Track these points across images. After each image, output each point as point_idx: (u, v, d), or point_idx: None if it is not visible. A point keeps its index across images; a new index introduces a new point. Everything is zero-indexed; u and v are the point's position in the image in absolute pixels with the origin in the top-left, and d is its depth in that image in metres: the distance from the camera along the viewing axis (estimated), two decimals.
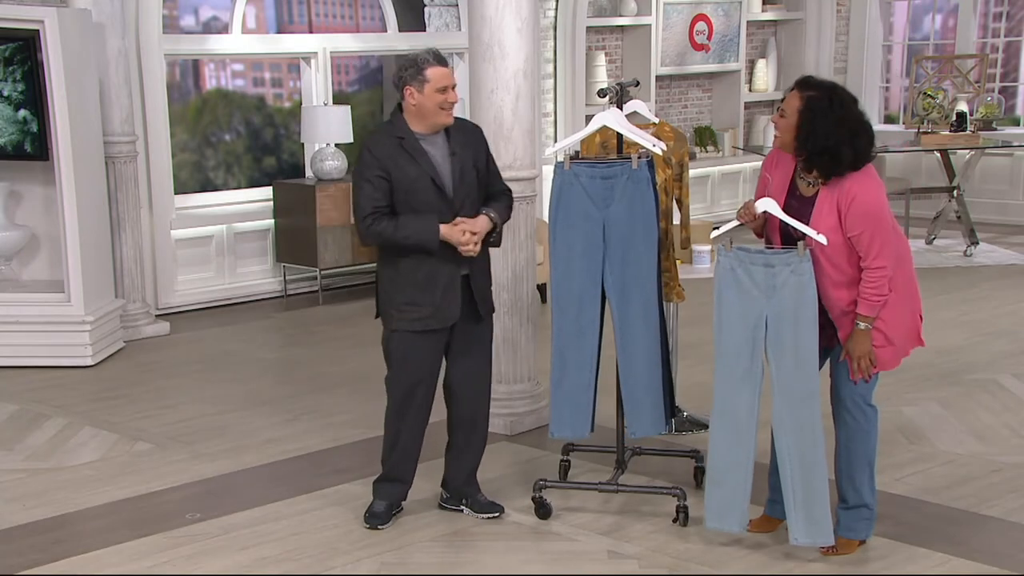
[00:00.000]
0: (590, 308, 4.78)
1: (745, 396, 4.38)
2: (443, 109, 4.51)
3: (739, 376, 4.38)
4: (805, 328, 4.26)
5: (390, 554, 4.56)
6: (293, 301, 9.11)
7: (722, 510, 4.46)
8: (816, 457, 4.33)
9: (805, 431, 4.32)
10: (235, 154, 10.02)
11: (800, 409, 4.31)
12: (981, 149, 10.37)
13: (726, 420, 4.43)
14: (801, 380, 4.30)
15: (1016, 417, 6.02)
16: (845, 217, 4.21)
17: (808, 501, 4.34)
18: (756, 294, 4.31)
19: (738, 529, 4.49)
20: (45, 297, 7.38)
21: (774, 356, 4.33)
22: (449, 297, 4.58)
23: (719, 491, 4.46)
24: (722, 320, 4.40)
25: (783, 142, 4.32)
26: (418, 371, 4.66)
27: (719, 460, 4.45)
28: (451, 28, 10.21)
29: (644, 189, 4.68)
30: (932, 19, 12.67)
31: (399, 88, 4.53)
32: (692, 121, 11.87)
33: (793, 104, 4.26)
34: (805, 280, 4.24)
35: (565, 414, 4.85)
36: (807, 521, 4.35)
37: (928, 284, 9.01)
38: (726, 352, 4.40)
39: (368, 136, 4.72)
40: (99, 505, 5.11)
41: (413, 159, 4.51)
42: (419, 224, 4.49)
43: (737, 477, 4.43)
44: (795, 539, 4.38)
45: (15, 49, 7.15)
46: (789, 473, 4.36)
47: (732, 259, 4.35)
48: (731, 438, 4.42)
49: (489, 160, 4.73)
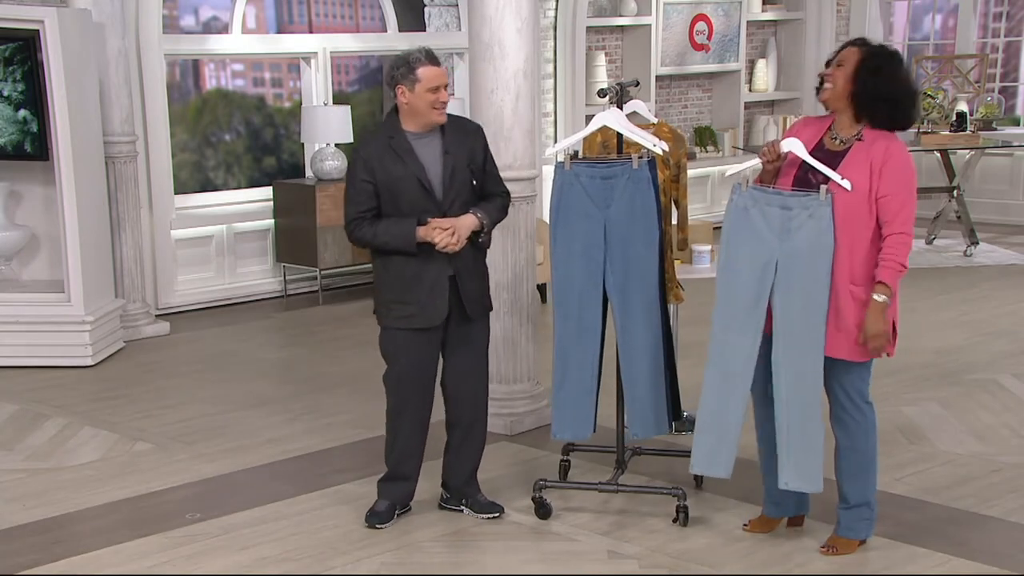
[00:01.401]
0: (591, 309, 4.78)
1: (745, 342, 4.29)
2: (435, 108, 4.50)
3: (740, 321, 4.27)
4: (818, 276, 4.14)
5: (390, 554, 4.56)
6: (293, 301, 9.11)
7: (710, 455, 4.40)
8: (813, 407, 4.26)
9: (806, 378, 4.23)
10: (235, 154, 10.02)
11: (803, 356, 4.21)
12: (981, 149, 10.37)
13: (721, 367, 4.34)
14: (807, 328, 4.19)
15: (1016, 417, 6.02)
16: (879, 175, 4.13)
17: (803, 447, 4.27)
18: (768, 236, 4.20)
19: (723, 474, 4.42)
20: (45, 297, 7.38)
21: (781, 300, 4.21)
22: (435, 297, 4.58)
23: (709, 437, 4.39)
24: (729, 261, 4.28)
25: (834, 93, 4.22)
26: (411, 368, 4.67)
27: (711, 405, 4.38)
28: (451, 28, 10.21)
29: (644, 189, 4.68)
30: (932, 19, 12.67)
31: (391, 87, 4.54)
32: (692, 121, 11.87)
33: (852, 56, 4.21)
34: (824, 225, 4.12)
35: (567, 415, 4.84)
36: (797, 466, 4.29)
37: (928, 284, 9.08)
38: (729, 295, 4.29)
39: (362, 136, 4.73)
40: (99, 505, 5.11)
41: (400, 158, 4.52)
42: (397, 228, 4.51)
43: (728, 424, 4.36)
44: (785, 483, 4.33)
45: (15, 49, 7.15)
46: (785, 418, 4.27)
47: (747, 198, 4.24)
48: (725, 385, 4.34)
49: (488, 161, 4.71)
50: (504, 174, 5.64)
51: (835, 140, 4.30)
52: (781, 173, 4.35)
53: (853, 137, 4.26)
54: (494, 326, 5.78)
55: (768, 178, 4.37)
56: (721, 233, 4.35)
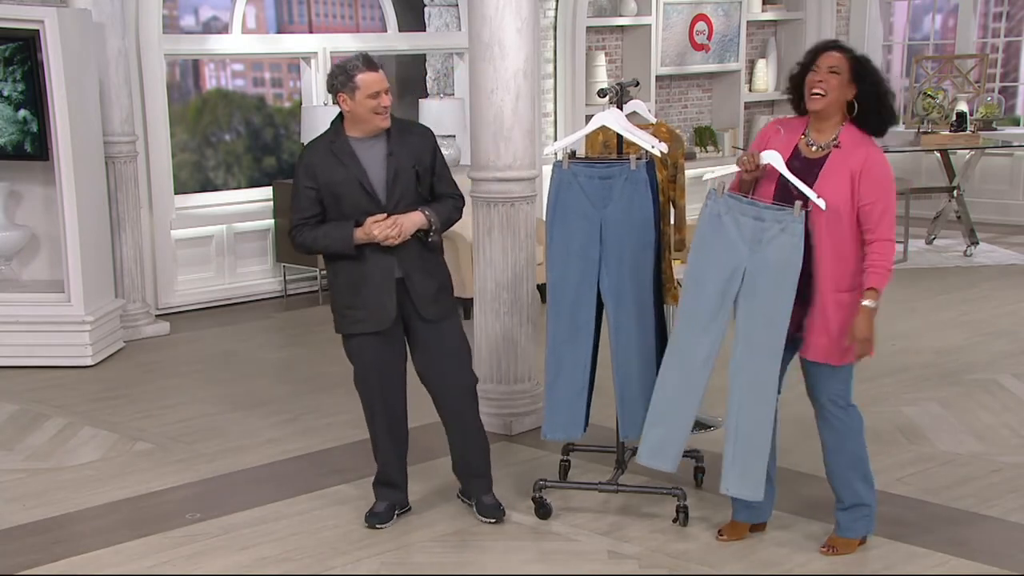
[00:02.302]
0: (585, 309, 4.77)
1: (704, 344, 4.33)
2: (377, 113, 4.49)
3: (702, 324, 4.32)
4: (783, 291, 4.18)
5: (390, 554, 4.56)
6: (293, 301, 9.11)
7: (659, 448, 4.45)
8: (765, 413, 4.30)
9: (760, 385, 4.28)
10: (235, 154, 10.02)
11: (760, 363, 4.26)
12: (981, 149, 10.38)
13: (679, 362, 4.38)
14: (767, 338, 4.23)
15: (1016, 417, 6.02)
16: (860, 182, 4.14)
17: (747, 454, 4.31)
18: (739, 245, 4.23)
19: (670, 468, 4.47)
20: (45, 297, 7.39)
21: (744, 308, 4.26)
22: (382, 300, 4.58)
23: (659, 430, 4.44)
24: (697, 265, 4.32)
25: (828, 101, 4.21)
26: (370, 372, 4.69)
27: (665, 399, 4.42)
28: (451, 28, 10.21)
29: (642, 190, 4.67)
30: (932, 19, 12.67)
31: (333, 96, 4.54)
32: (692, 121, 11.87)
33: (841, 62, 4.20)
34: (795, 242, 4.15)
35: (558, 415, 4.84)
36: (742, 473, 4.33)
37: (928, 284, 9.08)
38: (694, 298, 4.33)
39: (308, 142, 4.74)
40: (99, 505, 5.12)
41: (341, 163, 4.52)
42: (335, 231, 4.52)
43: (680, 419, 4.41)
44: (726, 488, 4.37)
45: (15, 49, 7.15)
46: (735, 422, 4.33)
47: (721, 205, 4.26)
48: (681, 381, 4.38)
49: (437, 163, 4.67)
50: (504, 174, 5.68)
51: (812, 147, 4.29)
52: (761, 183, 4.35)
53: (831, 143, 4.25)
54: (494, 326, 5.80)
55: (745, 187, 4.38)
56: (693, 236, 4.37)
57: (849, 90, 4.23)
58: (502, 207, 5.71)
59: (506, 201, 5.71)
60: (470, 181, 5.79)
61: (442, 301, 4.70)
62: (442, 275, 4.72)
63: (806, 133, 4.31)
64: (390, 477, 4.86)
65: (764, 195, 4.31)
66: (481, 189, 5.75)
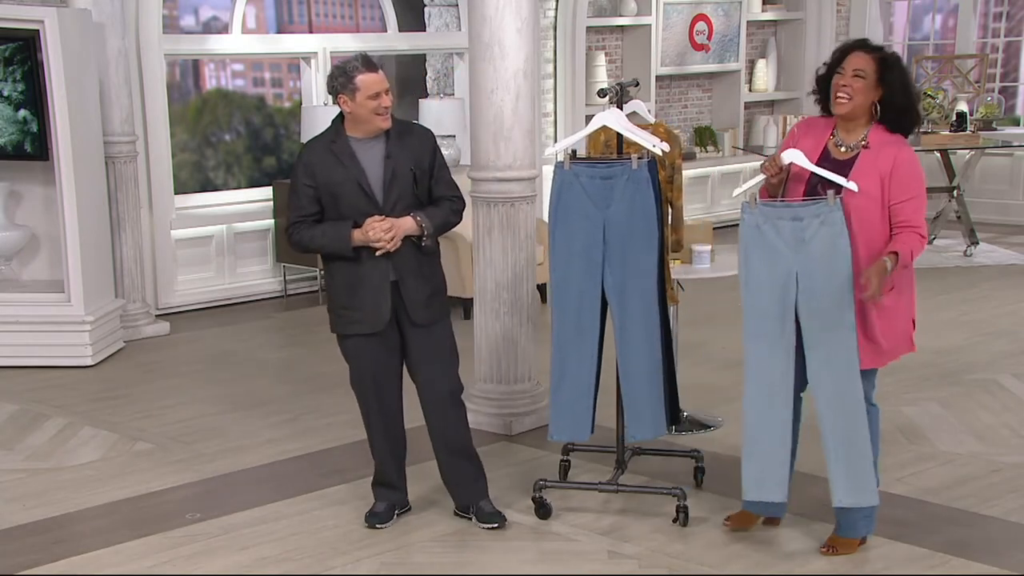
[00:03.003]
0: (589, 309, 4.76)
1: (779, 359, 4.23)
2: (378, 114, 4.49)
3: (770, 339, 4.23)
4: (840, 281, 4.11)
5: (390, 554, 4.56)
6: (293, 301, 9.11)
7: (760, 478, 4.32)
8: (858, 414, 4.20)
9: (844, 385, 4.17)
10: (235, 154, 10.02)
11: (837, 365, 4.17)
12: (981, 149, 10.37)
13: (760, 385, 4.27)
14: (839, 335, 4.14)
15: (1016, 417, 6.02)
16: (890, 182, 4.12)
17: (851, 460, 4.21)
18: (784, 250, 4.17)
19: (779, 498, 4.35)
20: (45, 297, 7.38)
21: (806, 314, 4.18)
22: (378, 302, 4.57)
23: (756, 461, 4.31)
24: (749, 281, 4.24)
25: (854, 104, 4.19)
26: (365, 372, 4.69)
27: (755, 427, 4.30)
28: (451, 28, 10.21)
29: (644, 190, 4.66)
30: (932, 19, 12.67)
31: (333, 97, 4.54)
32: (692, 121, 11.87)
33: (868, 64, 4.18)
34: (837, 231, 4.08)
35: (564, 417, 4.82)
36: (848, 479, 4.22)
37: (928, 284, 9.07)
38: (755, 315, 4.24)
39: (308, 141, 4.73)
40: (99, 505, 5.12)
41: (341, 163, 4.52)
42: (333, 231, 4.52)
43: (775, 443, 4.29)
44: (839, 501, 4.26)
45: (15, 49, 7.15)
46: (831, 434, 4.21)
47: (757, 215, 4.20)
48: (766, 404, 4.27)
49: (436, 165, 4.65)
50: (504, 174, 5.68)
51: (840, 148, 4.28)
52: (790, 186, 4.32)
53: (859, 143, 4.24)
54: (494, 326, 5.80)
55: (774, 191, 4.35)
56: (738, 253, 4.32)
57: (875, 92, 4.21)
58: (502, 207, 5.71)
59: (506, 201, 5.71)
60: (470, 181, 5.79)
61: (434, 306, 4.68)
62: (436, 279, 4.70)
63: (834, 134, 4.30)
64: (387, 477, 4.85)
65: (794, 196, 4.28)
66: (481, 189, 5.75)
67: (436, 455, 4.84)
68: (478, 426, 5.55)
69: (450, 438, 4.77)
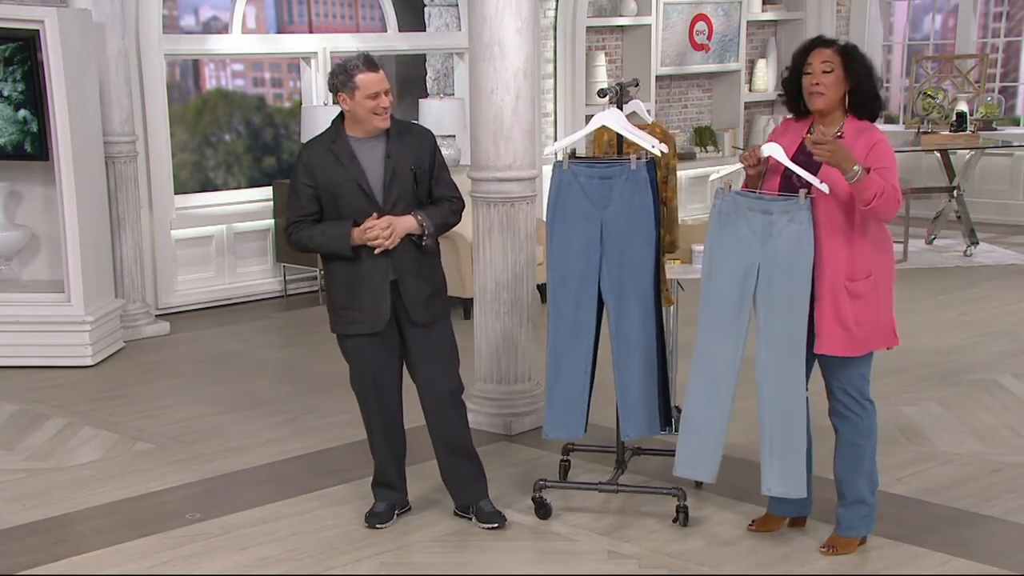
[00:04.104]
0: (586, 308, 4.76)
1: (728, 346, 4.34)
2: (376, 114, 4.49)
3: (724, 325, 4.33)
4: (799, 278, 4.19)
5: (390, 554, 4.56)
6: (293, 301, 9.11)
7: (694, 458, 4.44)
8: (797, 408, 4.30)
9: (788, 380, 4.28)
10: (235, 154, 10.02)
11: (785, 359, 4.26)
12: (981, 149, 10.38)
13: (706, 368, 4.38)
14: (789, 330, 4.24)
15: (1016, 417, 6.02)
16: (867, 158, 4.15)
17: (785, 451, 4.31)
18: (751, 241, 4.25)
19: (708, 478, 4.48)
20: (45, 297, 7.39)
21: (763, 305, 4.27)
22: (377, 302, 4.57)
23: (694, 438, 4.43)
24: (712, 267, 4.33)
25: (829, 100, 4.25)
26: (365, 372, 4.69)
27: (696, 407, 4.42)
28: (451, 28, 10.21)
29: (643, 190, 4.66)
30: (932, 19, 12.67)
31: (333, 95, 4.54)
32: (692, 121, 11.87)
33: (831, 58, 4.24)
34: (803, 229, 4.17)
35: (559, 415, 4.83)
36: (782, 471, 4.33)
37: (928, 284, 9.08)
38: (713, 300, 4.34)
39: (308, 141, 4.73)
40: (99, 505, 5.12)
41: (340, 163, 4.52)
42: (333, 231, 4.52)
43: (712, 426, 4.40)
44: (768, 488, 4.37)
45: (15, 49, 7.15)
46: (768, 422, 4.33)
47: (729, 203, 4.28)
48: (710, 387, 4.38)
49: (436, 166, 4.65)
50: (504, 174, 5.68)
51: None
52: (767, 177, 4.37)
53: (835, 135, 4.28)
54: (494, 326, 5.80)
55: (752, 183, 4.40)
56: (705, 238, 4.37)
57: (845, 83, 4.28)
58: (502, 207, 5.72)
59: (506, 201, 5.71)
60: (470, 181, 5.79)
61: (433, 306, 4.68)
62: (436, 279, 4.70)
63: (811, 131, 4.33)
64: (387, 478, 4.86)
65: (770, 189, 4.34)
66: (481, 189, 5.75)
67: (436, 455, 4.84)
68: (478, 426, 5.55)
69: (450, 438, 4.77)
